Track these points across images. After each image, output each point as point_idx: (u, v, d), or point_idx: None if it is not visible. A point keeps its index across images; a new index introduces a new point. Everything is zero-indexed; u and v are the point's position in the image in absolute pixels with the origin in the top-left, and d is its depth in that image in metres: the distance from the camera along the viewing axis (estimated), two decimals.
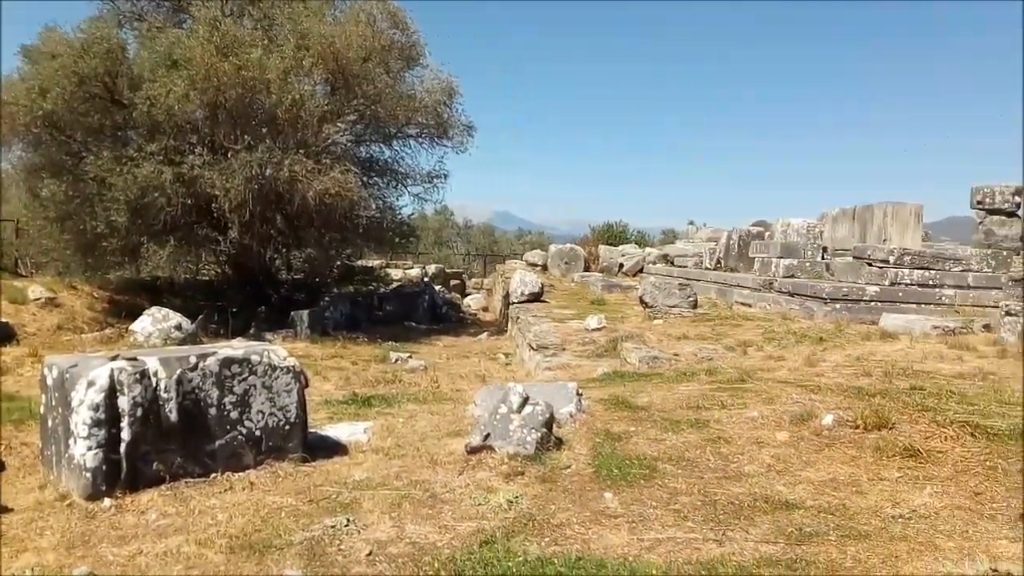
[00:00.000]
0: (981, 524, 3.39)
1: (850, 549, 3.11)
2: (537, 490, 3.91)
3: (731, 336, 9.61)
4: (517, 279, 15.46)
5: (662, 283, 13.21)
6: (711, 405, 5.57)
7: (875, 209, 14.64)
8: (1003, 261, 12.13)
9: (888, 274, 11.88)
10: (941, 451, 4.32)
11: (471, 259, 34.83)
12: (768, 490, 3.86)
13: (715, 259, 17.50)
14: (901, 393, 5.64)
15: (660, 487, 3.94)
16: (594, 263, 22.05)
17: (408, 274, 22.34)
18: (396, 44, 14.69)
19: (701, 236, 22.62)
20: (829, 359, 7.48)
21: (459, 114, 15.66)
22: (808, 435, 4.73)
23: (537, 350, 9.63)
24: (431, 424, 5.53)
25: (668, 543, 3.23)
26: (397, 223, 16.53)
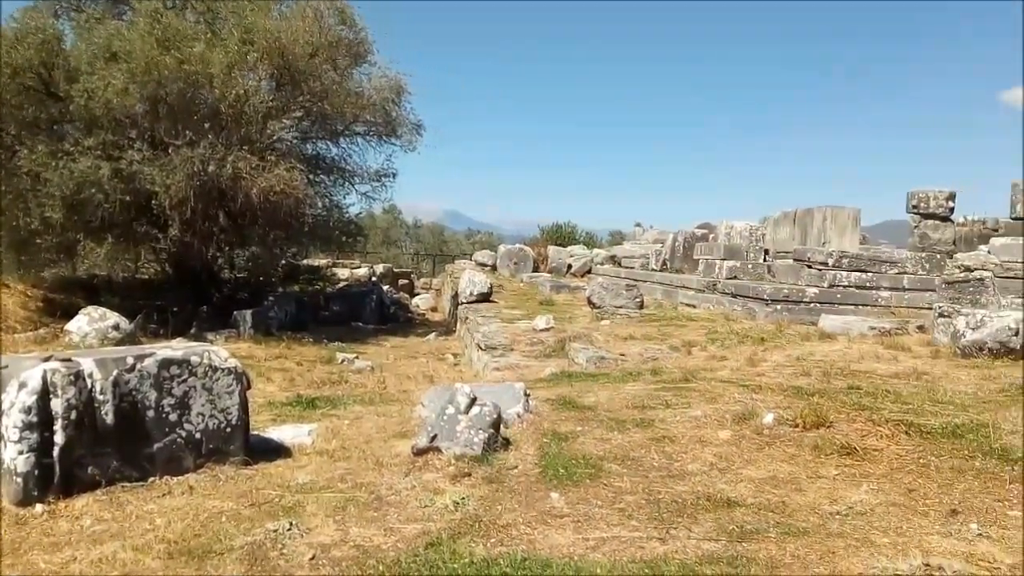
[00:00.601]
0: (915, 520, 3.49)
1: (789, 546, 3.18)
2: (484, 491, 3.91)
3: (676, 336, 9.75)
4: (466, 279, 15.43)
5: (609, 284, 13.34)
6: (656, 404, 5.65)
7: (815, 212, 15.03)
8: (937, 264, 12.56)
9: (827, 276, 12.20)
10: (877, 449, 4.45)
11: (420, 259, 34.65)
12: (711, 488, 3.92)
13: (661, 261, 17.74)
14: (839, 392, 5.81)
15: (606, 486, 3.97)
16: (543, 264, 22.16)
17: (355, 274, 22.11)
18: (344, 40, 14.52)
19: (648, 238, 22.92)
20: (770, 359, 7.65)
21: (408, 112, 15.59)
22: (749, 434, 4.83)
23: (485, 350, 9.63)
24: (377, 426, 5.49)
25: (613, 542, 3.26)
26: (344, 222, 16.35)
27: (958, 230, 15.14)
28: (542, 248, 23.24)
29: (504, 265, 21.71)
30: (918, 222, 14.05)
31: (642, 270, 18.40)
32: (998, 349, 7.17)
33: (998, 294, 10.49)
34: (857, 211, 14.77)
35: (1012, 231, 13.77)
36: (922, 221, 13.99)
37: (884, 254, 12.93)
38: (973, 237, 14.91)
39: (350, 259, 24.13)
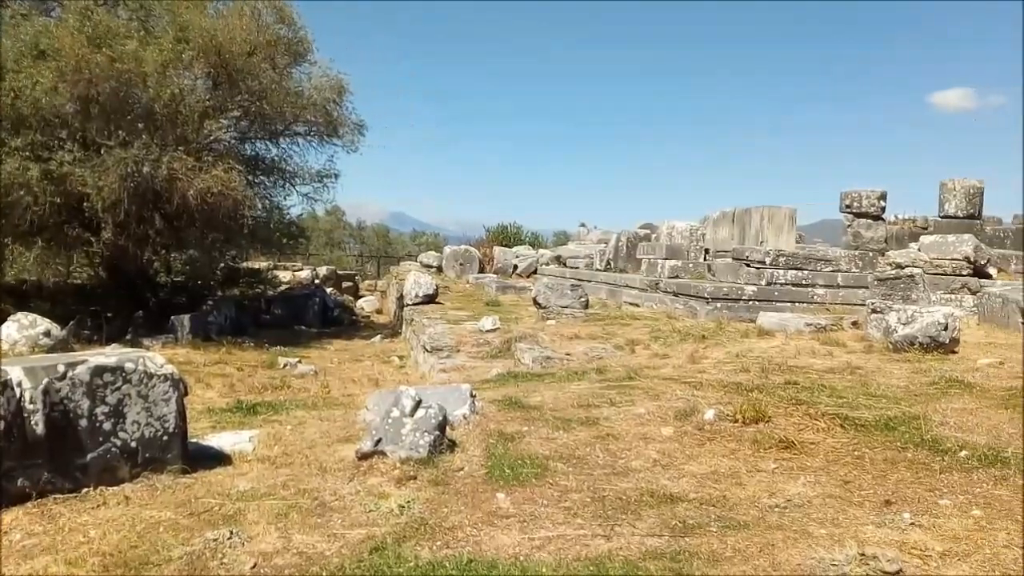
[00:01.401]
0: (850, 511, 3.60)
1: (730, 539, 3.25)
2: (429, 494, 3.89)
3: (620, 335, 9.85)
4: (411, 281, 15.35)
5: (555, 284, 13.41)
6: (601, 403, 5.70)
7: (753, 212, 15.37)
8: (869, 261, 12.97)
9: (765, 274, 12.49)
10: (813, 442, 4.57)
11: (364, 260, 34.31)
12: (654, 484, 3.98)
13: (605, 260, 17.92)
14: (777, 388, 5.95)
15: (551, 485, 3.99)
16: (489, 264, 22.17)
17: (297, 276, 21.78)
18: (282, 39, 14.30)
19: (592, 238, 23.12)
20: (711, 356, 7.80)
21: (349, 112, 15.44)
22: (691, 430, 4.91)
23: (431, 352, 9.59)
24: (321, 431, 5.40)
25: (558, 541, 3.28)
26: (285, 223, 16.10)
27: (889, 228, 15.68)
28: (488, 249, 23.25)
29: (450, 266, 21.65)
30: (851, 221, 14.50)
31: (587, 270, 18.56)
32: (928, 343, 7.44)
33: (928, 290, 10.90)
34: (793, 211, 15.16)
35: (941, 229, 14.33)
36: (855, 220, 14.45)
37: (819, 252, 13.29)
38: (904, 235, 15.47)
39: (292, 261, 23.76)
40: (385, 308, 21.05)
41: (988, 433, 4.68)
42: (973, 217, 14.91)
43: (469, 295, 17.00)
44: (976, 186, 14.88)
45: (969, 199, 14.86)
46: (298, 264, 23.79)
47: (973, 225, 14.47)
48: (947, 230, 13.57)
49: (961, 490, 3.80)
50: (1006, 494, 3.72)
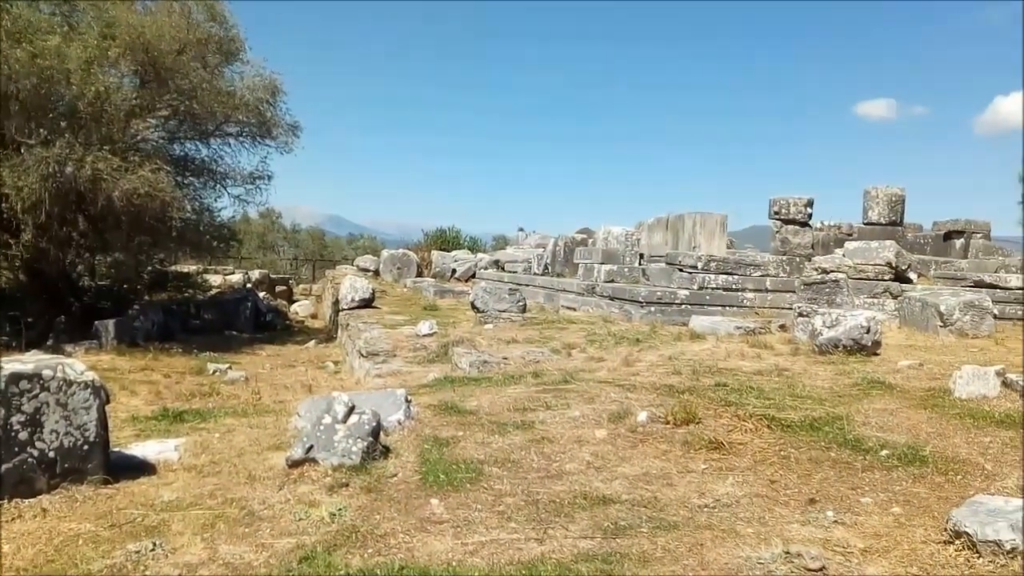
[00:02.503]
0: (776, 510, 3.69)
1: (660, 540, 3.29)
2: (362, 501, 3.84)
3: (557, 339, 9.91)
4: (347, 285, 15.14)
5: (493, 288, 13.42)
6: (537, 407, 5.72)
7: (686, 218, 15.67)
8: (797, 267, 13.36)
9: (697, 279, 12.74)
10: (742, 443, 4.68)
11: (299, 264, 33.73)
12: (587, 487, 4.01)
13: (543, 265, 18.02)
14: (707, 390, 6.07)
15: (486, 490, 3.98)
16: (427, 268, 22.04)
17: (229, 280, 21.26)
18: (213, 37, 13.96)
19: (530, 242, 23.23)
20: (644, 359, 7.90)
21: (283, 113, 15.16)
22: (625, 432, 4.97)
23: (367, 357, 9.47)
24: (250, 438, 5.28)
25: (491, 545, 3.27)
26: (216, 226, 15.69)
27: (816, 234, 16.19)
28: (426, 253, 23.11)
29: (387, 270, 21.45)
30: (779, 227, 14.92)
31: (525, 274, 18.63)
32: (851, 346, 7.69)
33: (852, 294, 11.29)
34: (724, 217, 15.51)
35: (864, 235, 14.87)
36: (783, 226, 14.87)
37: (749, 258, 13.64)
38: (830, 241, 15.99)
39: (223, 265, 23.19)
40: (320, 313, 20.73)
41: (908, 432, 4.87)
42: (895, 224, 15.51)
43: (407, 299, 16.88)
44: (898, 194, 15.49)
45: (891, 206, 15.45)
46: (229, 268, 23.23)
47: (895, 231, 15.06)
48: (870, 236, 14.08)
49: (882, 488, 3.94)
50: (924, 491, 3.87)
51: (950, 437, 4.74)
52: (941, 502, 3.66)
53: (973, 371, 5.85)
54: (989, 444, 4.58)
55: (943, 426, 4.98)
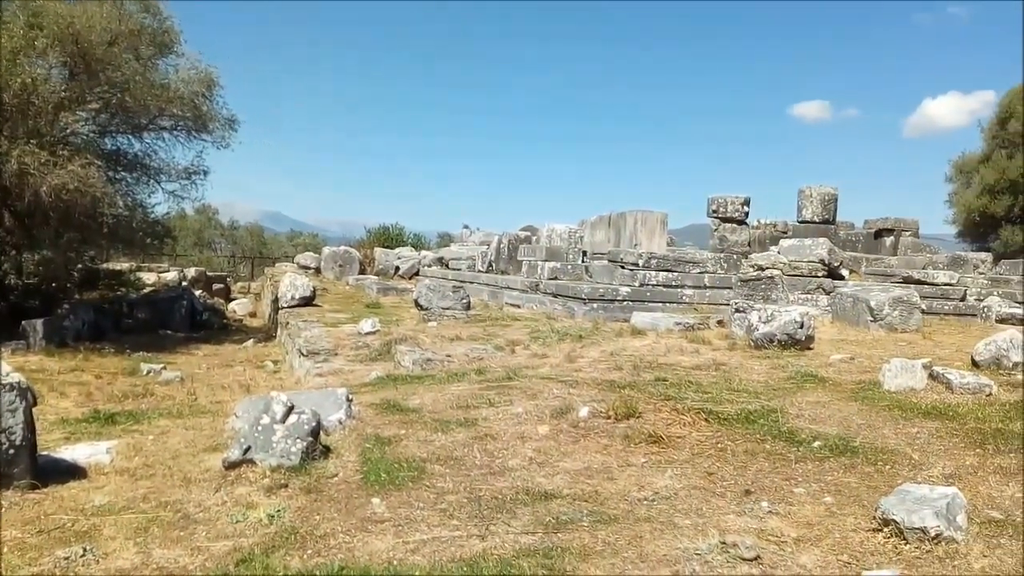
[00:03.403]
0: (713, 501, 3.77)
1: (600, 533, 3.33)
2: (301, 502, 3.78)
3: (501, 336, 9.92)
4: (287, 282, 14.88)
5: (437, 286, 13.36)
6: (480, 404, 5.72)
7: (627, 216, 15.87)
8: (734, 264, 13.65)
9: (638, 276, 12.92)
10: (680, 436, 4.76)
11: (237, 262, 33.02)
12: (529, 482, 4.02)
13: (487, 262, 18.02)
14: (647, 384, 6.16)
15: (428, 488, 3.96)
16: (370, 266, 21.80)
17: (164, 278, 20.68)
18: (147, 29, 13.56)
19: (475, 240, 23.20)
20: (587, 355, 7.98)
21: (220, 107, 14.80)
22: (567, 427, 5.01)
23: (307, 356, 9.32)
24: (186, 440, 5.16)
25: (433, 543, 3.26)
26: (149, 222, 15.25)
27: (753, 232, 16.58)
28: (369, 250, 22.85)
29: (329, 268, 21.14)
30: (718, 225, 15.24)
31: (469, 272, 18.60)
32: (786, 340, 7.90)
33: (786, 290, 11.59)
34: (665, 215, 15.76)
35: (799, 233, 15.29)
36: (721, 224, 15.18)
37: (688, 255, 13.88)
38: (766, 239, 16.39)
39: (158, 263, 22.58)
40: (259, 311, 20.34)
41: (839, 424, 5.02)
42: (828, 222, 15.98)
43: (349, 297, 16.68)
44: (831, 193, 15.96)
45: (824, 205, 15.91)
46: (164, 265, 22.61)
47: (828, 230, 15.51)
48: (804, 234, 14.49)
49: (814, 478, 4.05)
50: (854, 481, 3.99)
51: (879, 428, 4.90)
52: (871, 491, 3.78)
53: (901, 364, 6.06)
54: (916, 434, 4.75)
55: (873, 418, 5.15)
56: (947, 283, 12.86)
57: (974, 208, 23.11)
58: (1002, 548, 3.09)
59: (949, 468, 4.11)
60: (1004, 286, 13.71)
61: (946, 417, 5.08)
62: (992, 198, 22.52)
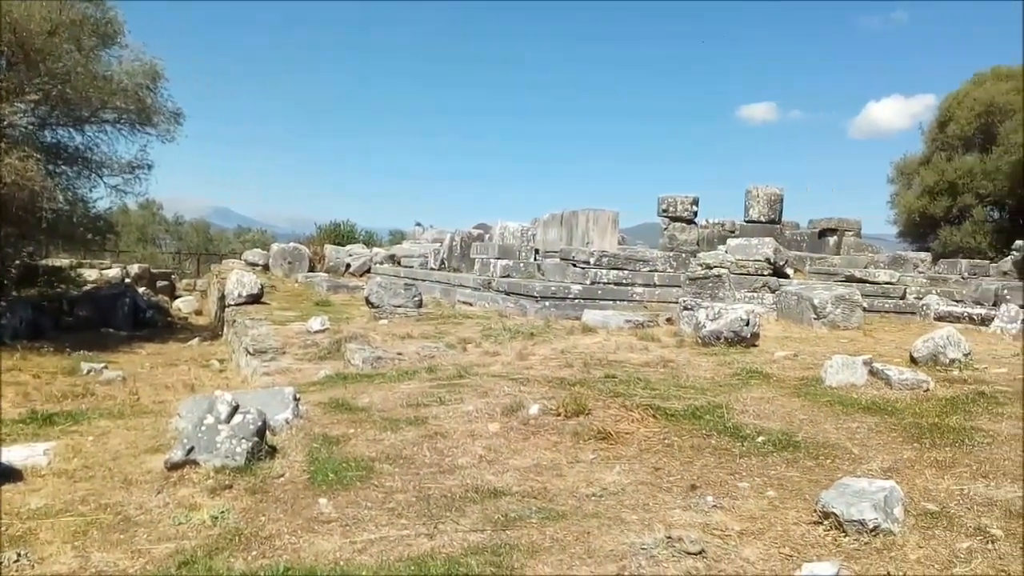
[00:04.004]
0: (660, 496, 3.82)
1: (549, 530, 3.34)
2: (246, 503, 3.72)
3: (453, 334, 9.90)
4: (234, 279, 14.61)
5: (388, 283, 13.27)
6: (430, 402, 5.70)
7: (579, 215, 15.97)
8: (683, 262, 13.85)
9: (589, 274, 13.02)
10: (629, 432, 4.81)
11: (183, 258, 32.30)
12: (479, 480, 4.03)
13: (440, 260, 17.96)
14: (597, 382, 6.22)
15: (376, 487, 3.93)
16: (320, 263, 21.54)
17: (106, 275, 20.12)
18: (89, 19, 13.14)
19: (427, 237, 23.10)
20: (538, 353, 8.01)
21: (165, 100, 14.44)
22: (517, 425, 5.02)
23: (255, 355, 9.17)
24: (127, 441, 5.03)
25: (381, 543, 3.24)
26: (91, 218, 14.80)
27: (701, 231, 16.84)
28: (319, 247, 22.56)
29: (277, 264, 20.83)
30: (668, 224, 15.44)
31: (421, 269, 18.52)
32: (732, 338, 8.05)
33: (733, 289, 11.80)
34: (616, 214, 15.91)
35: (746, 232, 15.57)
36: (671, 223, 15.40)
37: (639, 254, 14.04)
38: (714, 238, 16.67)
39: (100, 259, 21.94)
40: (205, 309, 19.95)
41: (782, 420, 5.13)
42: (774, 222, 16.32)
43: (298, 294, 16.46)
44: (777, 193, 16.29)
45: (771, 205, 16.24)
46: (107, 262, 21.99)
47: (774, 229, 15.84)
48: (751, 234, 14.76)
49: (758, 473, 4.13)
50: (796, 475, 4.09)
51: (821, 423, 5.02)
52: (812, 485, 3.87)
53: (843, 361, 6.22)
54: (856, 429, 4.88)
55: (815, 413, 5.27)
56: (888, 282, 13.24)
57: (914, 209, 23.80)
58: (937, 539, 3.19)
59: (887, 462, 4.23)
60: (942, 285, 14.17)
61: (885, 412, 5.23)
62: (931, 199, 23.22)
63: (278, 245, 22.00)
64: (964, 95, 23.76)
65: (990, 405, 5.34)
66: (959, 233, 22.20)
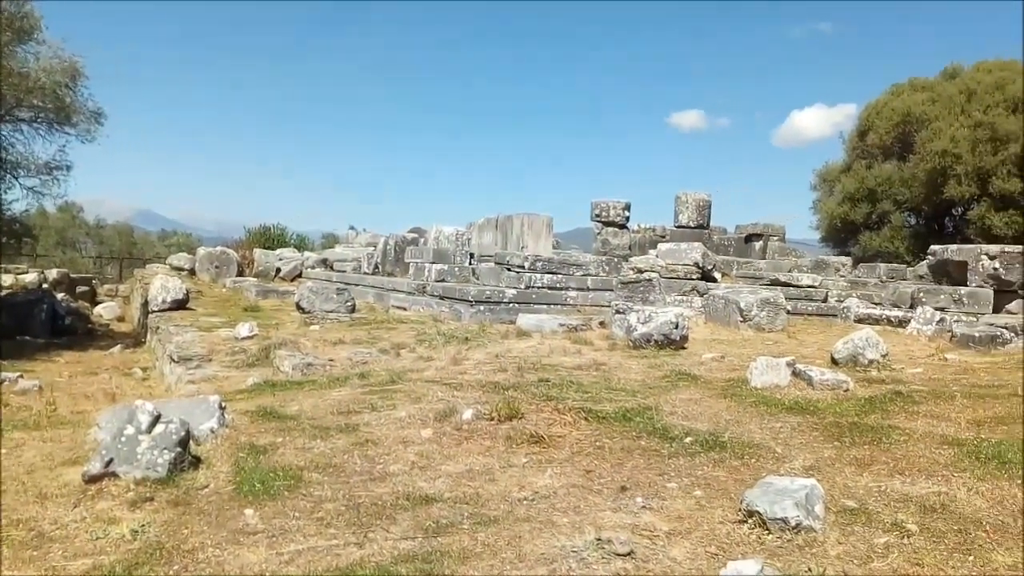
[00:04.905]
0: (591, 499, 3.85)
1: (480, 535, 3.34)
2: (168, 515, 3.60)
3: (386, 339, 9.81)
4: (158, 285, 14.16)
5: (320, 288, 13.06)
6: (362, 409, 5.63)
7: (514, 219, 16.04)
8: (615, 266, 14.05)
9: (524, 278, 13.08)
10: (561, 435, 4.85)
11: (105, 263, 31.16)
12: (410, 487, 3.99)
13: (373, 264, 17.77)
14: (531, 385, 6.25)
15: (305, 496, 3.86)
16: (249, 267, 21.05)
17: (22, 280, 19.21)
18: (4, 13, 12.59)
19: (361, 241, 22.83)
20: (472, 357, 8.01)
21: (85, 99, 13.95)
22: (450, 430, 5.01)
23: (179, 362, 8.90)
24: (43, 453, 4.80)
25: (308, 553, 3.18)
26: (6, 220, 14.19)
27: (634, 236, 17.13)
28: (248, 251, 22.04)
29: (204, 269, 20.27)
30: (601, 229, 15.65)
31: (354, 273, 18.29)
32: (662, 340, 8.20)
33: (664, 292, 12.02)
34: (551, 218, 16.03)
35: (676, 237, 15.90)
36: (604, 228, 15.60)
37: (572, 258, 14.18)
38: (646, 242, 16.97)
39: (15, 263, 20.97)
40: (128, 315, 19.28)
41: (710, 420, 5.25)
42: (703, 227, 16.71)
43: (225, 300, 16.06)
44: (705, 199, 16.69)
45: (699, 211, 16.63)
46: (23, 267, 21.02)
47: (702, 234, 16.22)
48: (681, 238, 15.08)
49: (686, 473, 4.22)
50: (723, 475, 4.18)
51: (746, 423, 5.15)
52: (738, 484, 3.97)
53: (767, 362, 6.40)
54: (780, 429, 5.02)
55: (740, 413, 5.41)
56: (811, 285, 13.69)
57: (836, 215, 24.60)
58: (856, 535, 3.31)
59: (809, 460, 4.37)
60: (862, 288, 14.72)
61: (807, 412, 5.39)
62: (852, 206, 24.04)
63: (205, 249, 21.41)
64: (883, 105, 24.69)
65: (906, 404, 5.56)
66: (878, 238, 23.03)
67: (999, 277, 12.39)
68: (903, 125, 23.37)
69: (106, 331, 16.91)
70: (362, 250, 19.84)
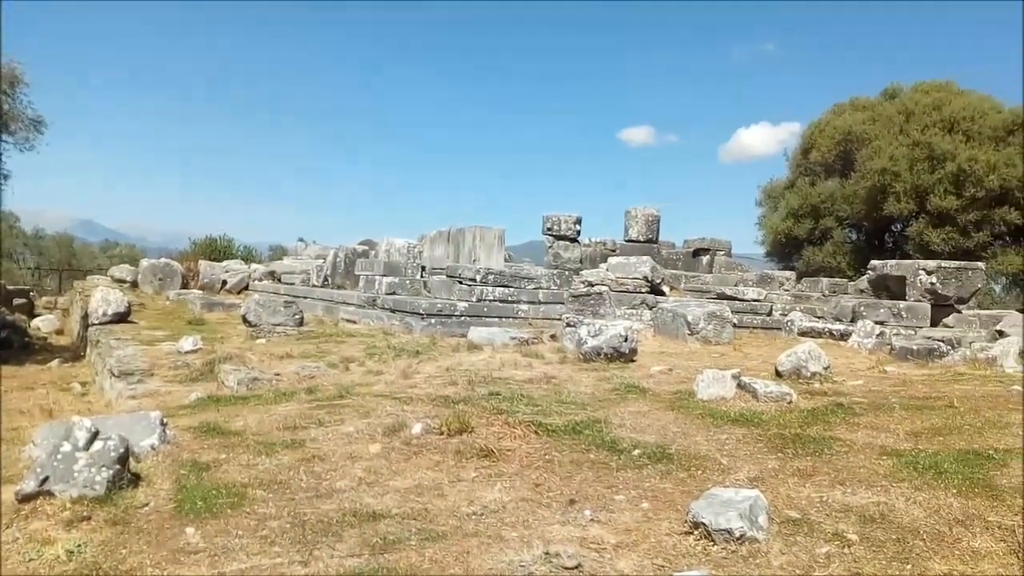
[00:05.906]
0: (540, 512, 3.85)
1: (428, 551, 3.31)
2: (106, 535, 3.49)
3: (335, 353, 9.69)
4: (99, 297, 13.78)
5: (267, 301, 12.86)
6: (309, 424, 5.54)
7: (466, 232, 16.04)
8: (566, 280, 14.14)
9: (476, 291, 13.07)
10: (511, 449, 4.84)
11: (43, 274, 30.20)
12: (358, 503, 3.94)
13: (323, 276, 17.56)
14: (481, 399, 6.23)
15: (248, 514, 3.78)
16: (194, 280, 20.61)
17: None
18: None
19: (310, 253, 22.55)
20: (423, 371, 7.96)
21: (24, 106, 13.56)
22: (399, 445, 4.96)
23: (120, 377, 8.66)
24: None
25: (252, 572, 3.11)
26: None
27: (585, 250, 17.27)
28: (193, 263, 21.61)
29: (147, 281, 19.79)
30: (552, 243, 15.75)
31: (303, 286, 18.05)
32: (612, 353, 8.27)
33: (614, 306, 12.13)
34: (502, 231, 16.07)
35: (626, 251, 16.09)
36: (555, 242, 15.71)
37: (524, 271, 14.23)
38: (597, 256, 17.12)
39: None
40: (67, 328, 18.69)
41: (657, 433, 5.30)
42: (652, 241, 16.95)
43: (169, 313, 15.69)
44: (654, 214, 16.93)
45: (649, 225, 16.86)
46: None
47: (652, 248, 16.45)
48: (631, 252, 15.27)
49: (633, 485, 4.25)
50: (669, 487, 4.23)
51: (693, 436, 5.22)
52: (684, 496, 4.01)
53: (713, 375, 6.50)
54: (725, 440, 5.10)
55: (687, 426, 5.48)
56: (756, 299, 13.97)
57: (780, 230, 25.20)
58: (798, 545, 3.37)
59: (753, 472, 4.44)
60: (805, 302, 15.09)
61: (752, 424, 5.49)
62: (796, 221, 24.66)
63: (148, 261, 20.93)
64: (825, 124, 25.43)
65: (847, 416, 5.69)
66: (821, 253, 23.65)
67: (936, 292, 12.83)
68: (845, 143, 24.10)
69: (44, 345, 16.36)
70: (311, 262, 19.60)
